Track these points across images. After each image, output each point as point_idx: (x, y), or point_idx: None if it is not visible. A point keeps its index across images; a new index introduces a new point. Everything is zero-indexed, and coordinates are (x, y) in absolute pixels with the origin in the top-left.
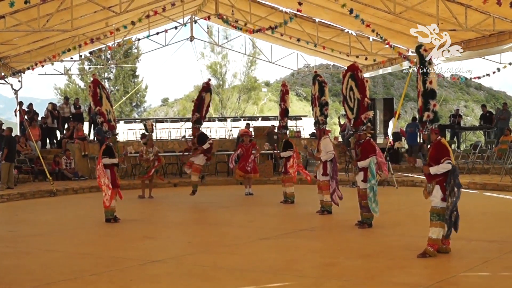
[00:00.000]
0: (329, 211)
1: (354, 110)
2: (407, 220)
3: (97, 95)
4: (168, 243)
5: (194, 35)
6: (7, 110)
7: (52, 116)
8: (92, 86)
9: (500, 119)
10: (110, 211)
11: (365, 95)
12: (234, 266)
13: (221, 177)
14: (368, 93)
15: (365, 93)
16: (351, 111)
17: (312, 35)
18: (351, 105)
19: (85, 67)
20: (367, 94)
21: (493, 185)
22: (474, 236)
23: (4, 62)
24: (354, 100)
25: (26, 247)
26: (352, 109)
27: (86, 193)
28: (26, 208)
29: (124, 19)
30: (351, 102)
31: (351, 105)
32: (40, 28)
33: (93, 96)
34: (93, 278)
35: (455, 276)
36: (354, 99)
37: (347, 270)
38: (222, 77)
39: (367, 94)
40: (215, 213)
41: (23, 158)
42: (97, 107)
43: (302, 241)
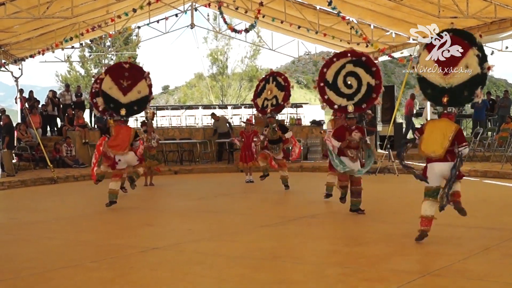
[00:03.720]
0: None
1: (356, 96)
2: (407, 208)
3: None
4: (168, 231)
5: (195, 22)
6: (7, 98)
7: (52, 104)
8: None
9: (501, 107)
10: (113, 194)
11: (381, 80)
12: (234, 254)
13: (221, 165)
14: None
15: (380, 78)
16: (345, 97)
17: (313, 23)
18: (347, 91)
19: (86, 54)
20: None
21: (493, 173)
22: (474, 224)
23: (5, 50)
24: (360, 85)
25: (27, 234)
26: (350, 95)
27: (86, 181)
28: (26, 195)
29: (124, 6)
30: (348, 88)
31: (347, 91)
32: (40, 15)
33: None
34: (93, 265)
35: (455, 263)
36: (361, 84)
37: (348, 257)
38: (223, 64)
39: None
40: (216, 200)
41: (24, 146)
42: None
43: (303, 229)
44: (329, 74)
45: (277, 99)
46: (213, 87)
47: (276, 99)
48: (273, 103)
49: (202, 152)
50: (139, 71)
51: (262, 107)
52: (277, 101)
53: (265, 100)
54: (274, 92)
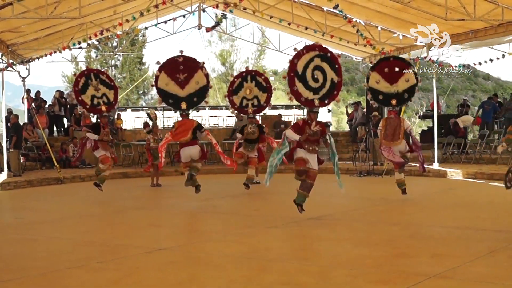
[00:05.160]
0: None
1: (321, 91)
2: (413, 209)
3: (77, 85)
4: (174, 231)
5: (202, 23)
6: (14, 98)
7: (59, 104)
8: (76, 76)
9: (508, 110)
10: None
11: (342, 78)
12: (240, 255)
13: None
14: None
15: (342, 76)
16: (311, 90)
17: (320, 24)
18: (314, 85)
19: (92, 54)
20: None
21: (500, 175)
22: (481, 226)
23: (12, 50)
24: (325, 81)
25: (33, 234)
26: (316, 89)
27: (93, 181)
28: (33, 195)
29: (132, 7)
30: (315, 82)
31: (314, 85)
32: (48, 15)
33: (74, 87)
34: (99, 265)
35: (461, 265)
36: (325, 79)
37: (354, 258)
38: (231, 65)
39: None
40: (221, 201)
41: (31, 146)
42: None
43: (309, 230)
44: (299, 65)
45: (259, 100)
46: (220, 88)
47: (257, 100)
48: (254, 103)
49: (209, 153)
50: (194, 62)
51: (241, 106)
52: (259, 102)
53: (244, 99)
54: (254, 92)
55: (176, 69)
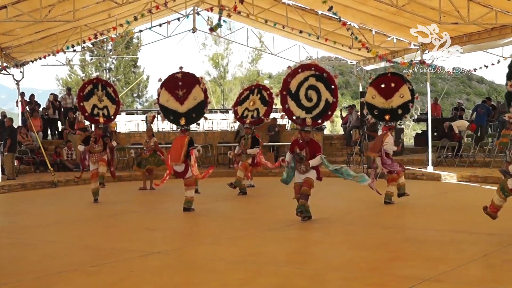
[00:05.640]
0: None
1: (314, 110)
2: (408, 213)
3: (83, 90)
4: (169, 235)
5: (197, 26)
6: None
7: (53, 107)
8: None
9: (501, 113)
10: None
11: (337, 99)
12: (235, 258)
13: (222, 169)
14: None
15: (337, 96)
16: (304, 109)
17: (315, 27)
18: (307, 104)
19: (87, 57)
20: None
21: (494, 179)
22: (474, 229)
23: (6, 53)
24: (319, 100)
25: (27, 238)
26: (309, 109)
27: (87, 184)
28: (27, 199)
29: (126, 10)
30: (309, 101)
31: (307, 104)
32: (42, 18)
33: (79, 91)
34: (93, 269)
35: (455, 268)
36: (320, 99)
37: (349, 262)
38: (224, 69)
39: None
40: (216, 205)
41: (25, 149)
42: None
43: (304, 233)
44: (293, 84)
45: (259, 112)
46: (214, 91)
47: (257, 112)
48: (254, 115)
49: (203, 156)
50: (192, 77)
51: (242, 116)
52: (258, 114)
53: (246, 110)
54: (256, 104)
55: (176, 85)
